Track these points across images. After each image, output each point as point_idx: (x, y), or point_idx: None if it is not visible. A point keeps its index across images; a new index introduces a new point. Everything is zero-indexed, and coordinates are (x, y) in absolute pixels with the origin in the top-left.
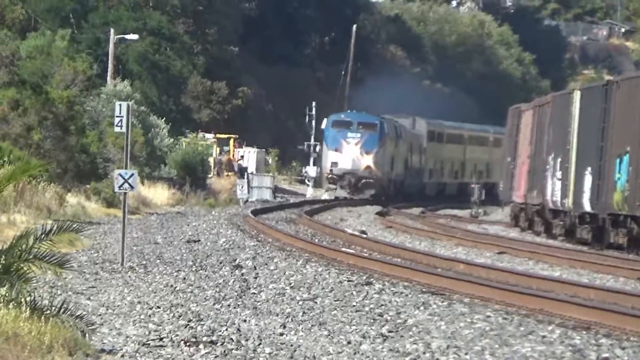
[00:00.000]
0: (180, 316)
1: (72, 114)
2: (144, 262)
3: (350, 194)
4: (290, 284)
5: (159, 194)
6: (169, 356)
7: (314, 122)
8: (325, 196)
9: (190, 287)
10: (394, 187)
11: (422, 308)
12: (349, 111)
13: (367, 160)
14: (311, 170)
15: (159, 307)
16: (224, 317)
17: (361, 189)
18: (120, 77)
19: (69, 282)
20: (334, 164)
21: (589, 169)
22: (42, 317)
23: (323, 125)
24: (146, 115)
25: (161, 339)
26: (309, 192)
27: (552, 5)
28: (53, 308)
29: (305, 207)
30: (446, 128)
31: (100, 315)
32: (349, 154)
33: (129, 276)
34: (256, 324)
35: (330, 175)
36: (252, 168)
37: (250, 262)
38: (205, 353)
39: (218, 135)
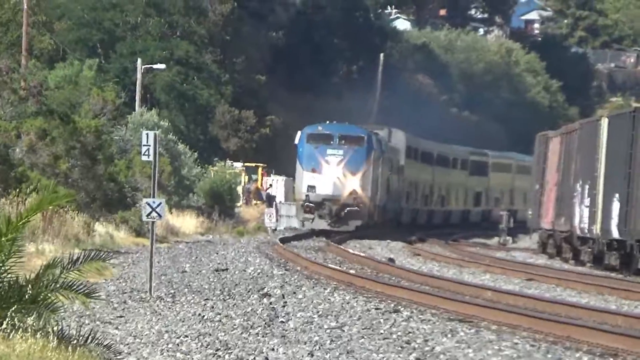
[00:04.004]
0: (208, 345)
1: (100, 143)
2: (172, 291)
3: (331, 226)
4: (318, 312)
5: (187, 222)
6: None
7: None
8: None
9: (218, 316)
10: (378, 215)
11: (449, 335)
12: (327, 122)
13: (353, 184)
14: None
15: (186, 336)
16: (252, 346)
17: (345, 219)
18: (148, 106)
19: (97, 311)
20: (311, 188)
21: (617, 195)
22: (70, 347)
23: (296, 140)
24: (174, 144)
25: None
26: None
27: (580, 33)
28: (81, 337)
29: (333, 236)
30: (424, 143)
31: (127, 344)
32: (330, 175)
33: (157, 305)
34: (284, 353)
35: (306, 203)
36: (280, 196)
37: (279, 291)
38: None
39: (246, 164)
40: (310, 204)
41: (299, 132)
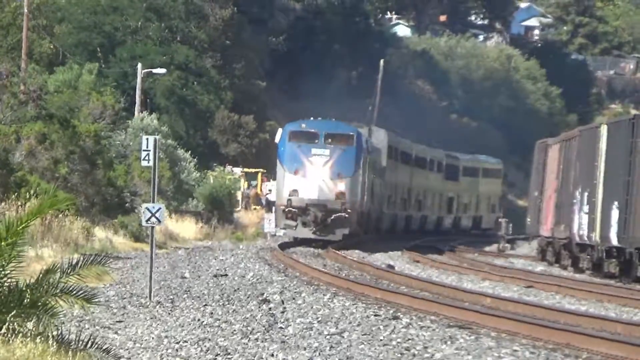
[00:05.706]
0: (207, 351)
1: (99, 147)
2: (172, 297)
3: (316, 234)
4: (317, 318)
5: (187, 228)
6: None
7: None
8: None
9: (218, 322)
10: (365, 222)
11: (449, 342)
12: (312, 119)
13: (340, 187)
14: None
15: (186, 342)
16: (252, 351)
17: (331, 227)
18: (148, 111)
19: (97, 316)
20: (294, 192)
21: (616, 202)
22: (69, 352)
23: (277, 139)
24: (173, 149)
25: None
26: None
27: (579, 39)
28: (80, 342)
29: (333, 241)
30: (403, 143)
31: (127, 349)
32: (315, 178)
33: (157, 310)
34: (284, 358)
35: (288, 208)
36: None
37: (278, 297)
38: None
39: (246, 169)
40: (293, 210)
41: (280, 130)
